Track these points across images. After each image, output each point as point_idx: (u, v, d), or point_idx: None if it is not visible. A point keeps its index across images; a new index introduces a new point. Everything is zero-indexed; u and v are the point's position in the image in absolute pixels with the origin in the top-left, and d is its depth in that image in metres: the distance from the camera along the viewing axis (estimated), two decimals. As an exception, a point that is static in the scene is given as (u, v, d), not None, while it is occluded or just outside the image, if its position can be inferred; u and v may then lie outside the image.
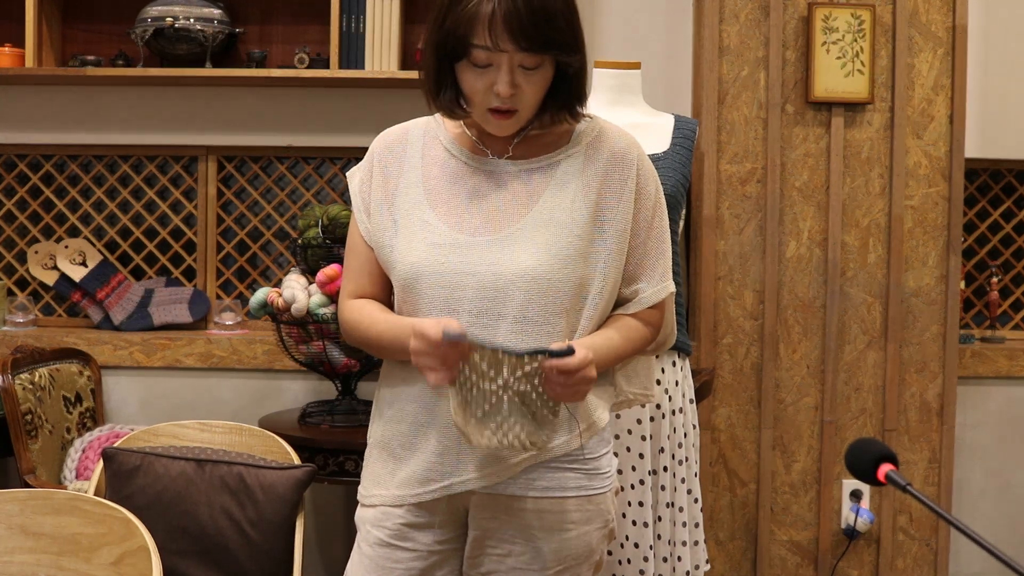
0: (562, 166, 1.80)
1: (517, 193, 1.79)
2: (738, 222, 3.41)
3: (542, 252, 1.74)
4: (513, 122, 1.76)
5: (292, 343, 3.16)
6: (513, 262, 1.74)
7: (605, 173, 1.80)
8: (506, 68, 1.69)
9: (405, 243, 1.80)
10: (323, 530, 3.69)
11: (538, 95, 1.75)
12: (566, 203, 1.77)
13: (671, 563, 2.60)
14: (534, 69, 1.71)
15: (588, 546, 1.84)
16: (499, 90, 1.69)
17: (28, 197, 3.87)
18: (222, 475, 2.53)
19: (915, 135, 3.42)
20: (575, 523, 1.82)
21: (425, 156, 1.85)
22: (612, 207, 1.79)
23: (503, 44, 1.66)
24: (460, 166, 1.82)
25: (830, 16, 3.36)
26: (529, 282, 1.73)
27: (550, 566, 1.81)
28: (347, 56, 3.50)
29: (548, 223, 1.76)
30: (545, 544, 1.81)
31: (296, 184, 3.86)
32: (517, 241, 1.75)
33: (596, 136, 1.83)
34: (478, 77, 1.71)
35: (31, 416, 3.16)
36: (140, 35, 3.54)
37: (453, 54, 1.72)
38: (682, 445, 2.63)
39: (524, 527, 1.81)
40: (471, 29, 1.67)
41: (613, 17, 3.70)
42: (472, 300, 1.74)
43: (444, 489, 1.80)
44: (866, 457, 1.56)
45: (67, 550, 1.90)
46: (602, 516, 1.86)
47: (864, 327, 3.43)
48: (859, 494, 3.44)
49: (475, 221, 1.78)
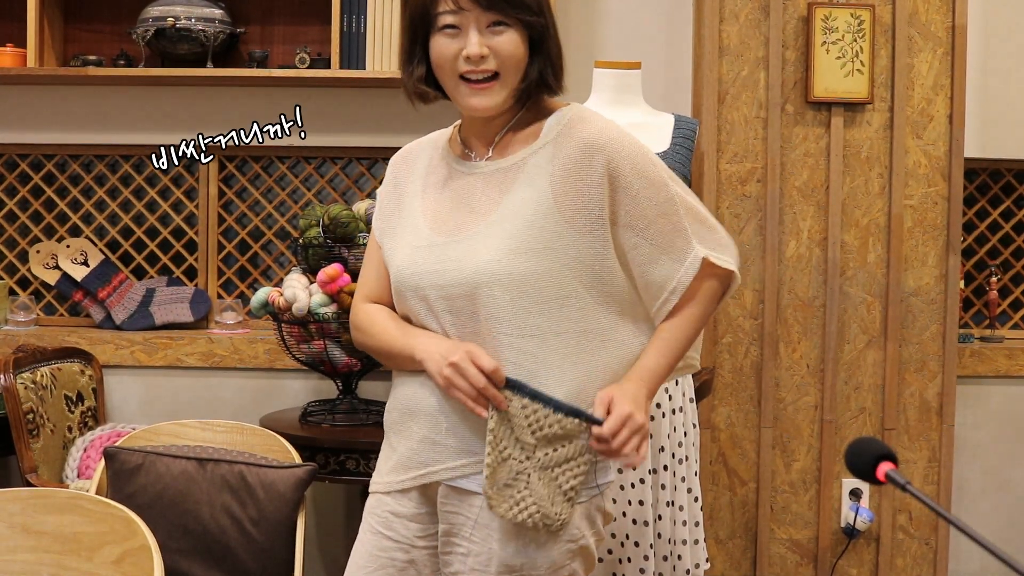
0: (531, 161, 1.78)
1: (489, 192, 1.79)
2: (738, 222, 3.41)
3: (500, 247, 1.72)
4: (495, 91, 1.75)
5: (293, 342, 3.16)
6: (473, 259, 1.73)
7: (573, 162, 1.75)
8: (473, 28, 1.71)
9: (395, 247, 1.86)
10: (324, 529, 3.69)
11: (515, 59, 1.74)
12: (532, 197, 1.75)
13: (671, 562, 2.60)
14: (501, 28, 1.72)
15: (549, 559, 1.76)
16: (469, 51, 1.71)
17: (30, 197, 3.87)
18: (223, 474, 2.53)
19: (915, 135, 3.42)
20: (536, 531, 1.74)
21: (428, 166, 1.89)
22: (581, 196, 1.74)
23: (464, 3, 1.70)
24: (449, 171, 1.85)
25: (830, 16, 3.36)
26: (490, 277, 1.71)
27: (503, 572, 1.75)
28: (348, 56, 3.50)
29: (511, 218, 1.74)
30: (500, 548, 1.75)
31: (297, 184, 3.86)
32: (479, 238, 1.75)
33: (565, 127, 1.78)
34: (448, 43, 1.73)
35: (33, 415, 3.16)
36: (141, 35, 3.55)
37: (424, 29, 1.75)
38: (682, 444, 2.63)
39: (481, 527, 1.77)
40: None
41: (613, 17, 3.70)
42: (445, 299, 1.76)
43: (419, 478, 1.81)
44: (866, 456, 1.56)
45: (69, 549, 1.90)
46: (567, 530, 1.77)
47: (864, 326, 3.43)
48: (859, 493, 3.44)
49: (452, 223, 1.79)
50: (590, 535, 1.82)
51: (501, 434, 1.69)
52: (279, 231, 3.87)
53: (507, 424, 1.69)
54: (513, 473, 1.68)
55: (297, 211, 3.84)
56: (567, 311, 1.75)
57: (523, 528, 1.73)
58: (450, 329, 1.77)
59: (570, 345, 1.76)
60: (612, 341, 1.80)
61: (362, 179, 3.82)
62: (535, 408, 1.69)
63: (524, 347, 1.73)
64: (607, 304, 1.79)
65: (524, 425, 1.68)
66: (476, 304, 1.73)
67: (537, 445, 1.69)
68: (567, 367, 1.75)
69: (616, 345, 1.81)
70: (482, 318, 1.74)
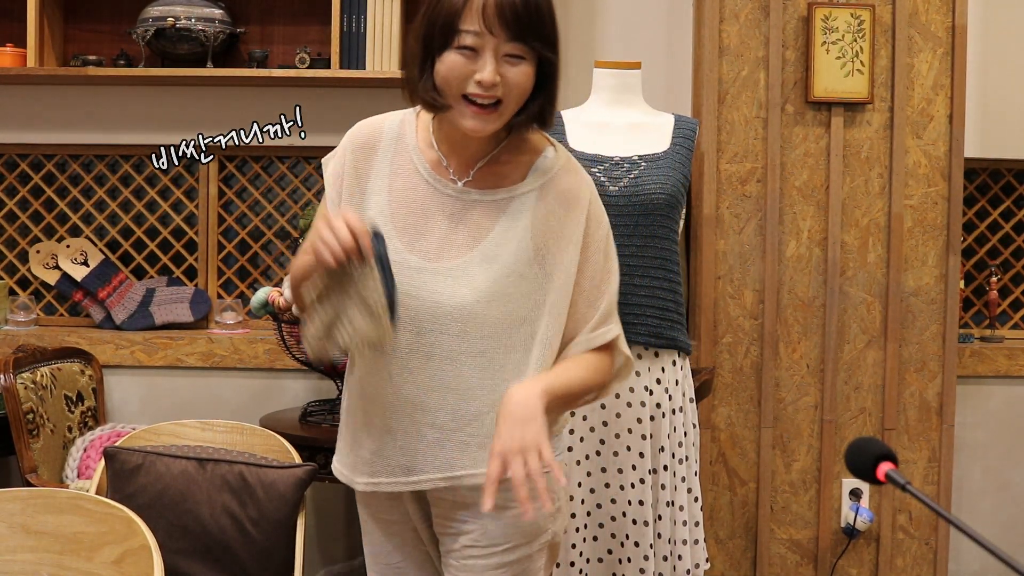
0: (515, 203, 1.80)
1: (470, 225, 1.80)
2: (738, 222, 3.41)
3: (480, 288, 1.76)
4: (494, 118, 1.75)
5: (293, 342, 3.16)
6: (453, 295, 1.77)
7: (554, 217, 1.80)
8: (491, 55, 1.70)
9: None
10: (324, 529, 3.69)
11: (521, 91, 1.75)
12: (512, 242, 1.78)
13: (671, 562, 2.60)
14: (517, 61, 1.72)
15: (535, 524, 1.85)
16: (483, 77, 1.70)
17: (30, 197, 3.87)
18: (223, 474, 2.53)
19: (915, 135, 3.42)
20: (514, 501, 1.76)
21: (393, 163, 1.85)
22: (562, 252, 1.80)
23: (494, 29, 1.69)
24: (423, 184, 1.83)
25: (830, 16, 3.36)
26: (464, 314, 1.76)
27: (499, 543, 1.85)
28: (348, 56, 3.50)
29: (491, 260, 1.78)
30: (491, 523, 1.84)
31: (297, 183, 3.86)
32: (460, 275, 1.77)
33: (554, 175, 1.83)
34: (462, 63, 1.71)
35: (33, 415, 3.16)
36: (141, 35, 3.55)
37: (440, 42, 1.72)
38: (682, 444, 2.63)
39: (469, 506, 1.85)
40: (462, 14, 1.69)
41: (613, 17, 3.70)
42: (413, 320, 1.78)
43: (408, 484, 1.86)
44: (866, 456, 1.56)
45: (69, 549, 1.90)
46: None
47: (864, 326, 3.43)
48: (859, 493, 3.44)
49: (427, 245, 1.80)
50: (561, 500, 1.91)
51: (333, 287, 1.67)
52: (279, 231, 3.87)
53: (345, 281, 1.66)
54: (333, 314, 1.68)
55: (297, 211, 3.84)
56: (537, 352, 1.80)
57: (508, 501, 1.79)
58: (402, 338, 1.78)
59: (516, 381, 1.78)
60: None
61: (362, 179, 3.82)
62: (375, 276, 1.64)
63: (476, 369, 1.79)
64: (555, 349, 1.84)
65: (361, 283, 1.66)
66: (443, 333, 1.78)
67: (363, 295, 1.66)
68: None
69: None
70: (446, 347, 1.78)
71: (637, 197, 2.57)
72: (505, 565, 1.86)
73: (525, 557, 1.87)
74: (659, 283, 2.58)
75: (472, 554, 1.86)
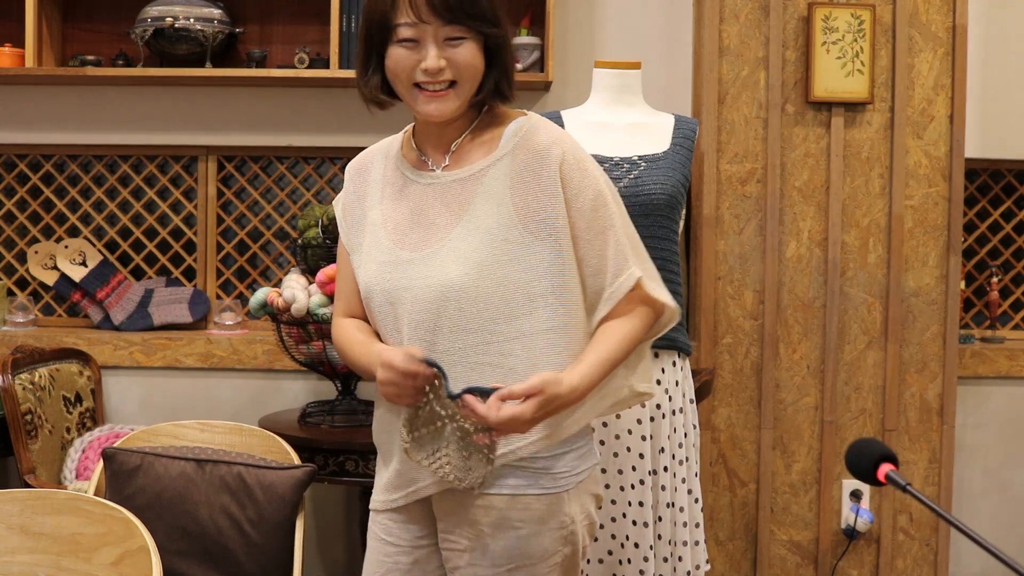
0: (490, 173, 1.82)
1: (450, 205, 1.83)
2: (738, 222, 3.41)
3: (468, 262, 1.78)
4: (451, 99, 1.79)
5: (292, 343, 3.16)
6: (442, 275, 1.78)
7: (531, 173, 1.80)
8: (431, 41, 1.75)
9: (361, 262, 1.90)
10: (323, 530, 3.69)
11: (472, 69, 1.78)
12: (493, 210, 1.80)
13: (671, 563, 2.60)
14: (459, 41, 1.76)
15: (542, 548, 1.82)
16: (427, 65, 1.75)
17: (28, 197, 3.87)
18: (222, 475, 2.53)
19: (915, 135, 3.42)
20: (524, 522, 1.81)
21: (384, 176, 1.92)
22: (542, 207, 1.80)
23: (425, 16, 1.73)
24: (405, 182, 1.88)
25: (830, 16, 3.36)
26: (458, 292, 1.77)
27: (500, 564, 1.82)
28: (347, 56, 3.50)
29: (475, 232, 1.79)
30: (492, 542, 1.82)
31: (296, 184, 3.86)
32: (446, 254, 1.79)
33: (522, 137, 1.83)
34: (406, 55, 1.76)
35: (31, 416, 3.16)
36: (140, 35, 3.54)
37: (380, 39, 1.78)
38: (682, 445, 2.63)
39: (473, 523, 1.83)
40: (394, 9, 1.74)
41: (613, 17, 3.70)
42: (411, 313, 1.80)
43: (410, 495, 1.88)
44: (866, 457, 1.56)
45: (67, 550, 1.90)
46: (556, 517, 1.83)
47: (864, 327, 3.43)
48: (859, 494, 3.44)
49: (415, 237, 1.84)
50: (580, 519, 1.88)
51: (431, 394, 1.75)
52: (278, 231, 3.86)
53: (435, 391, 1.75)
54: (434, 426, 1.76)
55: (296, 211, 3.83)
56: (539, 313, 1.80)
57: (513, 521, 1.80)
58: (407, 338, 1.82)
59: (553, 340, 1.81)
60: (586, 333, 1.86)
61: (361, 179, 3.82)
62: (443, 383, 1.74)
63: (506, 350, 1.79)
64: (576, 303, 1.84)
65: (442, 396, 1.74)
66: (441, 317, 1.79)
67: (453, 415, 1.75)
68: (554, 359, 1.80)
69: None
70: (446, 329, 1.79)
71: (637, 197, 2.57)
72: None
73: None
74: (659, 283, 2.57)
75: (474, 573, 1.84)
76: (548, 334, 1.80)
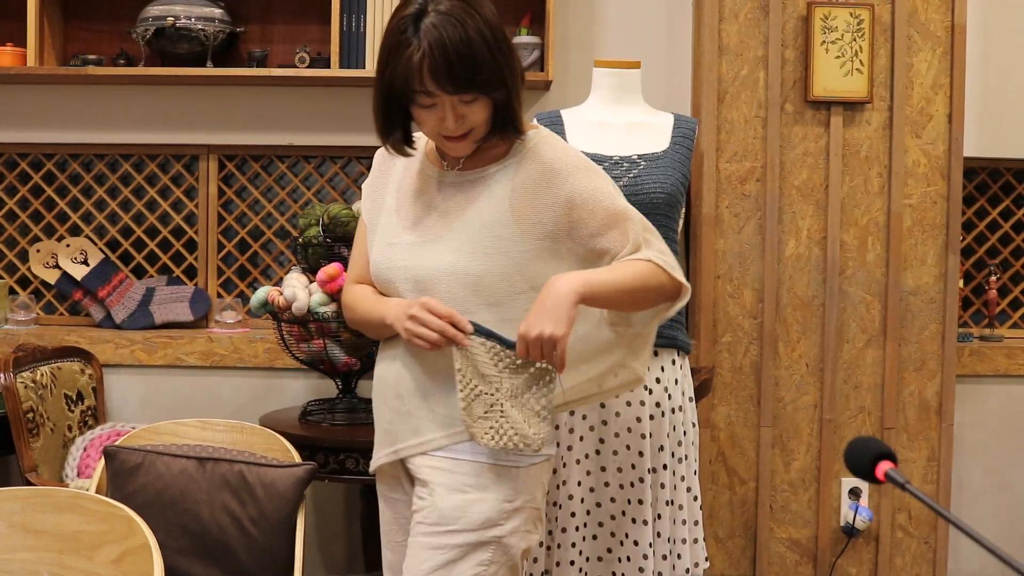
0: (496, 176, 2.01)
1: (459, 201, 2.02)
2: (737, 221, 3.41)
3: (462, 250, 1.96)
4: (468, 143, 1.98)
5: (293, 341, 3.16)
6: (439, 260, 1.98)
7: (533, 182, 1.98)
8: (447, 106, 1.91)
9: (373, 240, 2.10)
10: (324, 528, 3.69)
11: (484, 117, 1.95)
12: (491, 207, 1.98)
13: (670, 561, 2.60)
14: (471, 101, 1.92)
15: (483, 515, 1.95)
16: (447, 127, 1.93)
17: (30, 196, 3.87)
18: (223, 473, 2.54)
19: (914, 134, 3.42)
20: (471, 487, 1.96)
21: (407, 167, 2.11)
22: (538, 212, 1.97)
23: (434, 89, 1.89)
24: (424, 176, 2.08)
25: (829, 15, 3.36)
26: (450, 276, 1.96)
27: (442, 523, 1.95)
28: (348, 55, 3.50)
29: (473, 225, 1.98)
30: (441, 500, 1.96)
31: (297, 183, 3.87)
32: (446, 242, 1.99)
33: (530, 149, 2.01)
34: (428, 114, 1.94)
35: (33, 414, 3.16)
36: (141, 34, 3.55)
37: (404, 101, 1.94)
38: (681, 443, 2.63)
39: (427, 482, 1.99)
40: (409, 78, 1.89)
41: (613, 17, 3.70)
42: (408, 292, 2.01)
43: (391, 455, 2.06)
44: (865, 455, 1.56)
45: (69, 548, 1.90)
46: (502, 489, 1.96)
47: (863, 325, 3.43)
48: (858, 492, 3.45)
49: (422, 224, 2.03)
50: (524, 501, 1.99)
51: (467, 372, 1.91)
52: (279, 230, 3.87)
53: (471, 362, 1.91)
54: (487, 405, 1.91)
55: (297, 210, 3.84)
56: (520, 304, 1.95)
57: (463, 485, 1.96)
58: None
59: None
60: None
61: (362, 178, 3.82)
62: (491, 345, 1.92)
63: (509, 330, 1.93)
64: None
65: (486, 360, 1.92)
66: (445, 301, 1.95)
67: (501, 377, 1.92)
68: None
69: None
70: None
71: (636, 196, 2.57)
72: (445, 547, 1.93)
73: (468, 545, 1.94)
74: (658, 282, 2.57)
75: (420, 531, 1.97)
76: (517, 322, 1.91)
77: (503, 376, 1.92)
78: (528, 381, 1.93)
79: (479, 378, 1.91)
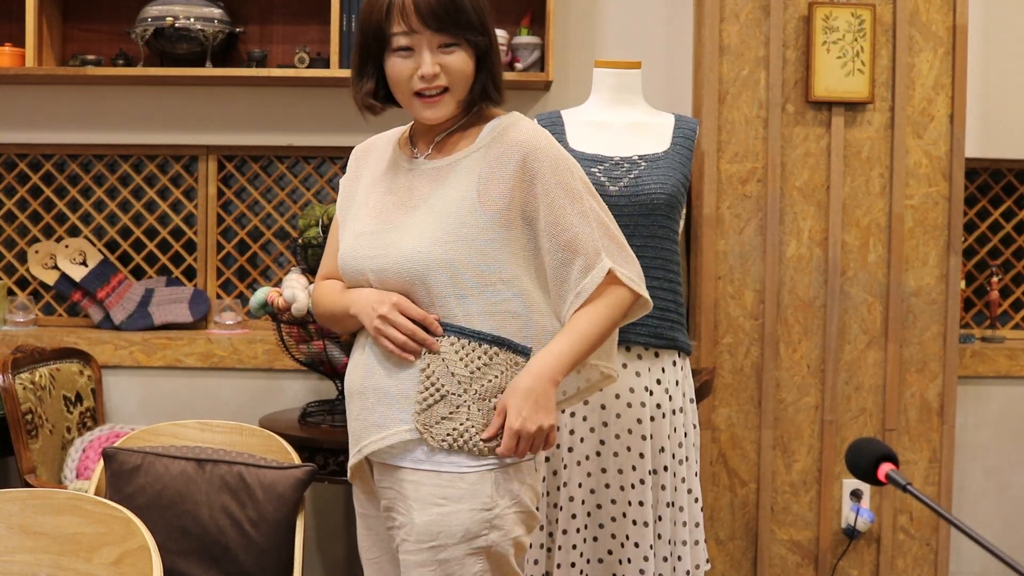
0: (463, 162, 1.96)
1: (423, 188, 1.98)
2: (738, 222, 3.41)
3: (421, 237, 1.90)
4: (444, 103, 1.93)
5: (292, 343, 3.16)
6: (397, 246, 1.92)
7: (498, 163, 1.93)
8: (426, 49, 1.89)
9: (343, 235, 2.06)
10: (323, 529, 3.69)
11: (463, 75, 1.92)
12: (458, 194, 1.93)
13: (671, 562, 2.60)
14: (451, 48, 1.90)
15: (463, 527, 1.88)
16: (423, 71, 1.89)
17: (28, 197, 3.87)
18: (222, 474, 2.53)
19: (915, 135, 3.42)
20: (446, 499, 1.89)
21: (379, 160, 2.09)
22: (503, 195, 1.91)
23: (416, 26, 1.87)
24: (394, 167, 2.04)
25: (830, 16, 3.36)
26: (408, 263, 1.90)
27: (423, 540, 1.89)
28: (347, 56, 3.50)
29: (435, 211, 1.93)
30: (418, 516, 1.90)
31: (296, 184, 3.86)
32: (406, 228, 1.94)
33: (499, 133, 1.96)
34: (403, 63, 1.91)
35: (31, 416, 3.16)
36: (140, 35, 3.54)
37: (378, 47, 1.92)
38: (682, 445, 2.63)
39: (404, 498, 1.93)
40: (389, 19, 1.88)
41: (613, 17, 3.70)
42: (371, 282, 1.97)
43: (356, 455, 1.99)
44: (866, 457, 1.56)
45: (67, 550, 1.90)
46: (478, 497, 1.89)
47: (864, 327, 3.43)
48: (859, 494, 3.44)
49: (388, 214, 1.98)
50: (508, 506, 1.92)
51: (435, 373, 1.89)
52: (278, 231, 3.86)
53: (441, 363, 1.89)
54: (453, 407, 1.89)
55: (296, 211, 3.83)
56: (504, 292, 1.92)
57: (436, 497, 1.89)
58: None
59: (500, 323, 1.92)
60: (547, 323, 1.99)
61: (362, 179, 3.82)
62: (463, 343, 1.89)
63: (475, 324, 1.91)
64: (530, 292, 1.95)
65: (456, 360, 1.89)
66: (408, 289, 1.92)
67: (472, 378, 1.89)
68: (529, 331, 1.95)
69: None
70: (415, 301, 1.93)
71: (637, 197, 2.57)
72: (433, 563, 1.89)
73: (455, 560, 1.88)
74: (659, 283, 2.57)
75: (405, 549, 1.93)
76: (496, 317, 1.91)
77: (473, 377, 1.89)
78: (498, 385, 1.90)
79: (448, 377, 1.89)
